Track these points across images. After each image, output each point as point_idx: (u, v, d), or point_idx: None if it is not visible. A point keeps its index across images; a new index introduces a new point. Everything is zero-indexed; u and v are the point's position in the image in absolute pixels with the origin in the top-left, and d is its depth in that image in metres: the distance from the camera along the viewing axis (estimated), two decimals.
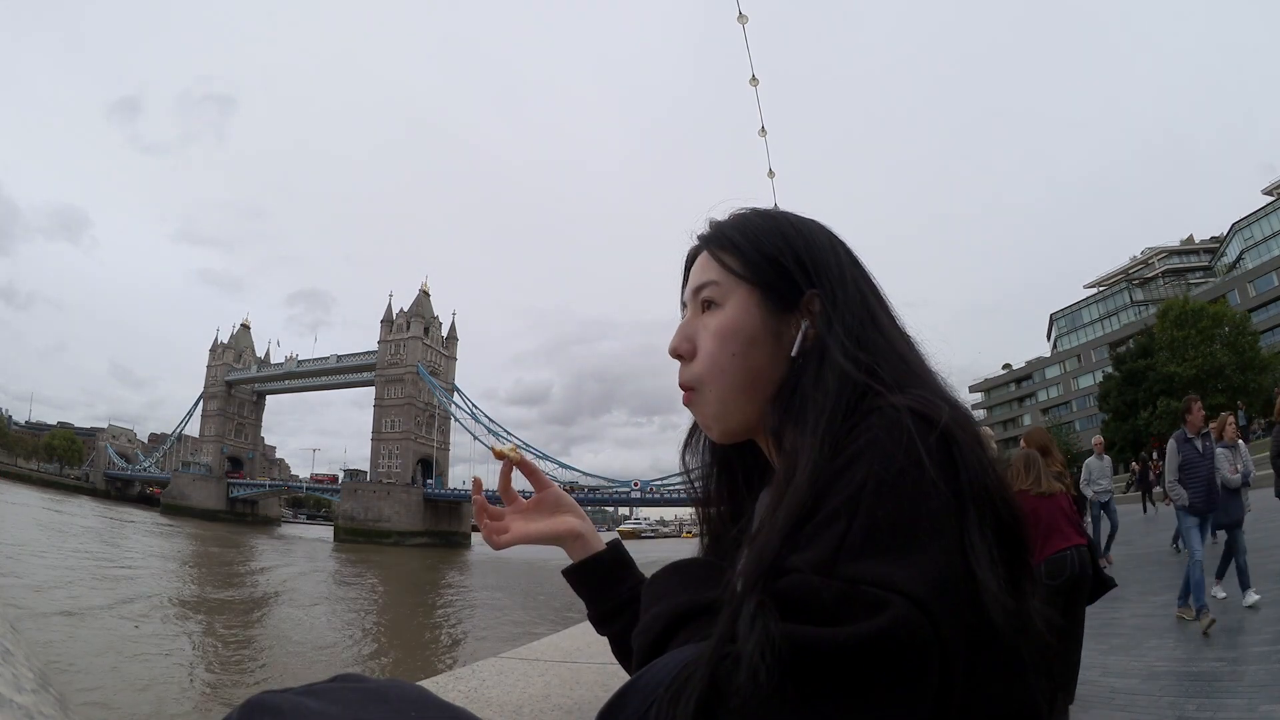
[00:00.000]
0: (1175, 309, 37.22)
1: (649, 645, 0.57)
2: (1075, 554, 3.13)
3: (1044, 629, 0.50)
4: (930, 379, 0.58)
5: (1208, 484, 5.03)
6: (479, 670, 1.91)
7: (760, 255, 0.63)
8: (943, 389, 0.58)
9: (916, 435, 0.46)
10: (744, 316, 0.62)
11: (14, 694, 0.85)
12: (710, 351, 0.63)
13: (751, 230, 0.64)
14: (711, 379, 0.63)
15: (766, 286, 0.62)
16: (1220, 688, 3.31)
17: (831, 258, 0.62)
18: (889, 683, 0.39)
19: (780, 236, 0.63)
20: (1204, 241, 61.48)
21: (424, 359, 73.11)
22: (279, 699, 0.53)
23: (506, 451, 0.83)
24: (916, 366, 0.59)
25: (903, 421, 0.47)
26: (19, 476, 75.96)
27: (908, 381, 0.55)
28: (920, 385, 0.55)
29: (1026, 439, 3.82)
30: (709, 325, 0.64)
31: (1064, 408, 62.78)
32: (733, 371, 0.62)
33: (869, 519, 0.43)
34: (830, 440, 0.50)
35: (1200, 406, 5.28)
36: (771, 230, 0.64)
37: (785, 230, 0.64)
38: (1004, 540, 0.47)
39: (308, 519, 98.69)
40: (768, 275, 0.62)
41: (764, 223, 0.65)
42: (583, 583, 0.81)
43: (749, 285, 0.63)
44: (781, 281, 0.62)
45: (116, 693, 8.94)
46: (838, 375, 0.55)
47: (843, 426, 0.51)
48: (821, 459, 0.49)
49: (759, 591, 0.42)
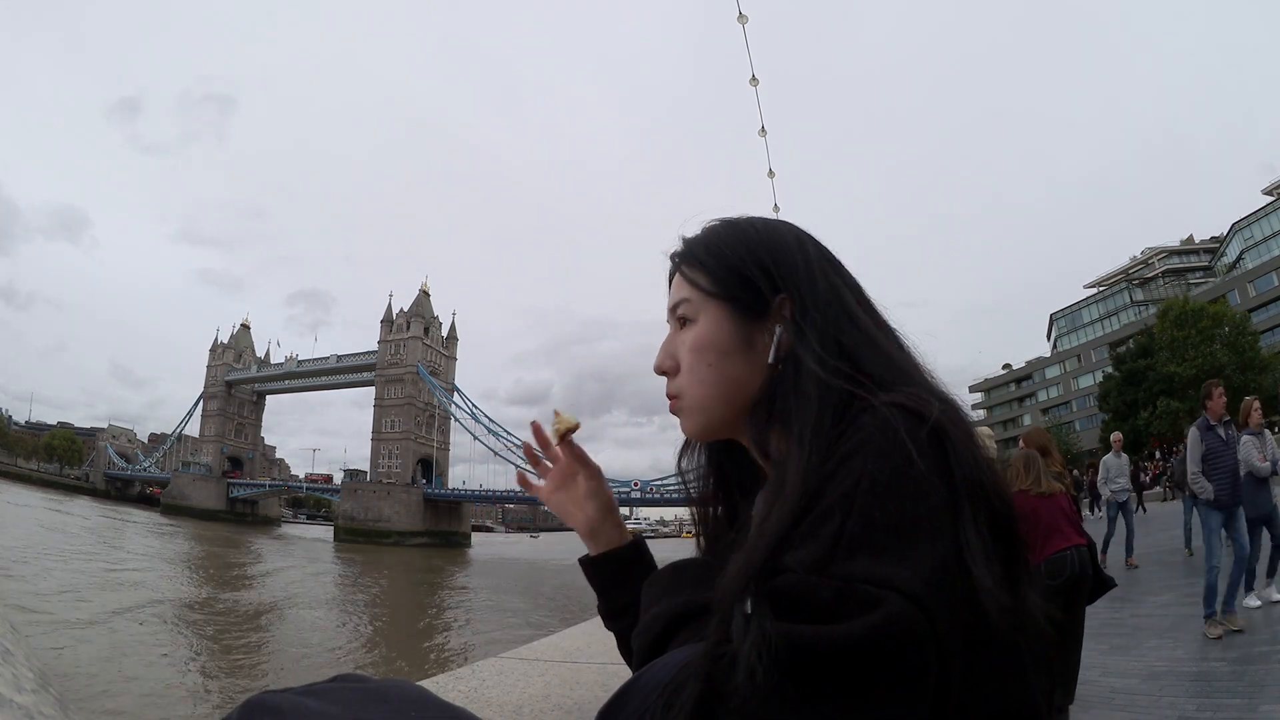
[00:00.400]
0: (1175, 309, 37.24)
1: (649, 645, 0.57)
2: (1075, 554, 3.13)
3: (1042, 624, 0.50)
4: (919, 375, 0.58)
5: (1233, 475, 4.63)
6: (479, 670, 1.91)
7: (724, 269, 0.64)
8: (932, 384, 0.58)
9: (908, 432, 0.46)
10: (714, 330, 0.63)
11: (14, 694, 0.85)
12: (689, 366, 0.65)
13: (715, 244, 0.66)
14: (692, 390, 0.65)
15: (734, 299, 0.63)
16: (1220, 688, 3.31)
17: (799, 260, 0.62)
18: (886, 680, 0.39)
19: (744, 246, 0.64)
20: (1204, 241, 61.46)
21: (424, 359, 73.10)
22: (279, 699, 0.53)
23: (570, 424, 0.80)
24: (903, 363, 0.59)
25: (894, 419, 0.47)
26: (19, 476, 75.95)
27: (895, 378, 0.55)
28: (908, 382, 0.55)
29: (1026, 439, 3.82)
30: (685, 341, 0.65)
31: (1064, 408, 62.76)
32: (711, 382, 0.63)
33: (863, 517, 0.43)
34: (817, 442, 0.50)
35: (1222, 392, 4.82)
36: (735, 241, 0.65)
37: (749, 239, 0.65)
38: (999, 535, 0.47)
39: (308, 519, 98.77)
40: (733, 288, 0.63)
41: (729, 234, 0.66)
42: (596, 576, 0.81)
43: (718, 300, 0.64)
44: (747, 292, 0.63)
45: (117, 693, 8.94)
46: (814, 378, 0.55)
47: (831, 428, 0.51)
48: (810, 461, 0.49)
49: (754, 591, 0.42)
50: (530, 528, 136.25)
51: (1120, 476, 8.15)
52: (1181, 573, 6.81)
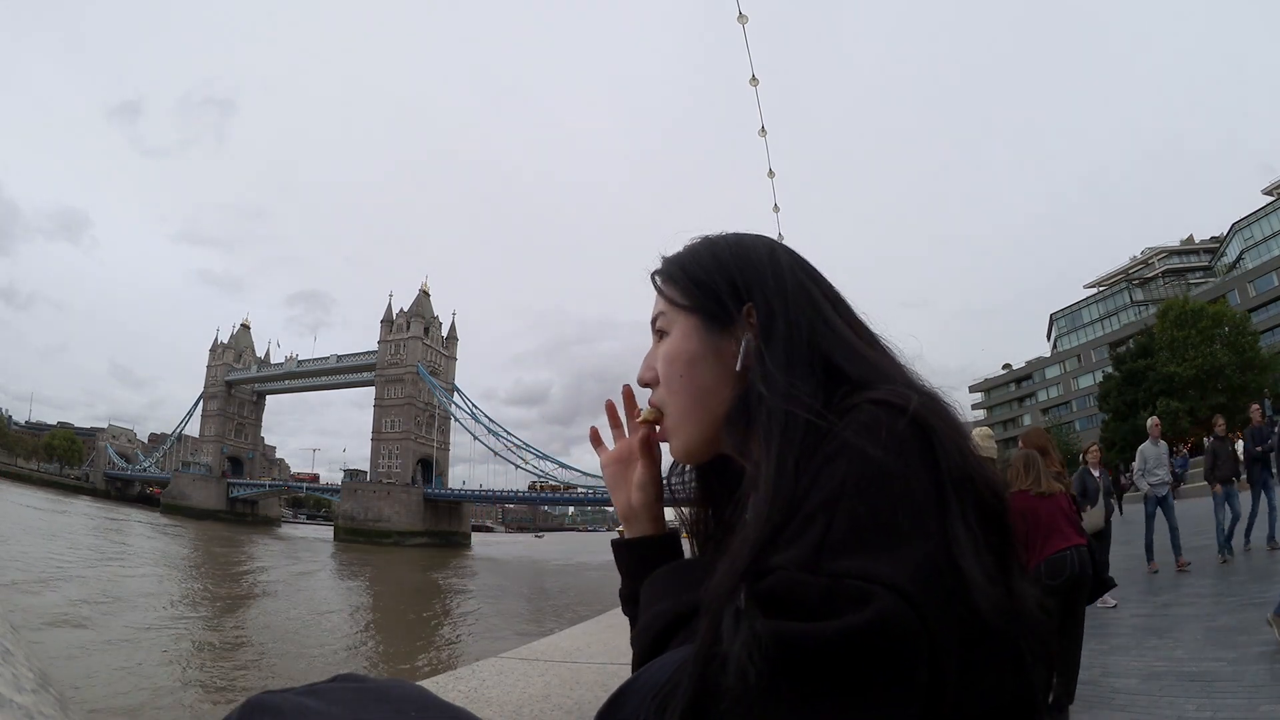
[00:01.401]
0: (1175, 309, 37.23)
1: (647, 645, 0.58)
2: (1075, 554, 3.13)
3: (1037, 614, 0.49)
4: (898, 373, 0.59)
5: None
6: (479, 670, 1.91)
7: (692, 282, 0.67)
8: (912, 380, 0.58)
9: (891, 428, 0.47)
10: (683, 341, 0.66)
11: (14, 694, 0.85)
12: (664, 377, 0.68)
13: (688, 260, 0.69)
14: (670, 400, 0.68)
15: (701, 310, 0.66)
16: (1220, 688, 3.31)
17: (768, 270, 0.64)
18: (878, 676, 0.39)
19: (713, 260, 0.67)
20: (1204, 241, 61.50)
21: (424, 359, 73.12)
22: (279, 699, 0.53)
23: (649, 417, 0.81)
24: (878, 362, 0.59)
25: (878, 415, 0.48)
26: (19, 476, 75.95)
27: (874, 378, 0.55)
28: (887, 380, 0.55)
29: (1024, 440, 3.82)
30: (660, 353, 0.68)
31: (1064, 408, 62.81)
32: (683, 391, 0.66)
33: (850, 515, 0.43)
34: (794, 442, 0.50)
35: None
36: (706, 256, 0.68)
37: (719, 254, 0.67)
38: (990, 527, 0.47)
39: (308, 519, 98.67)
40: (700, 300, 0.66)
41: (702, 250, 0.69)
42: (627, 557, 0.81)
43: (687, 311, 0.67)
44: (713, 303, 0.65)
45: (118, 693, 8.95)
46: (779, 383, 0.56)
47: (806, 429, 0.51)
48: (785, 463, 0.49)
49: (743, 590, 0.42)
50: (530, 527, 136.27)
51: (1160, 467, 7.38)
52: (1182, 573, 6.80)
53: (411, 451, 71.11)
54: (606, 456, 0.83)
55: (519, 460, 69.04)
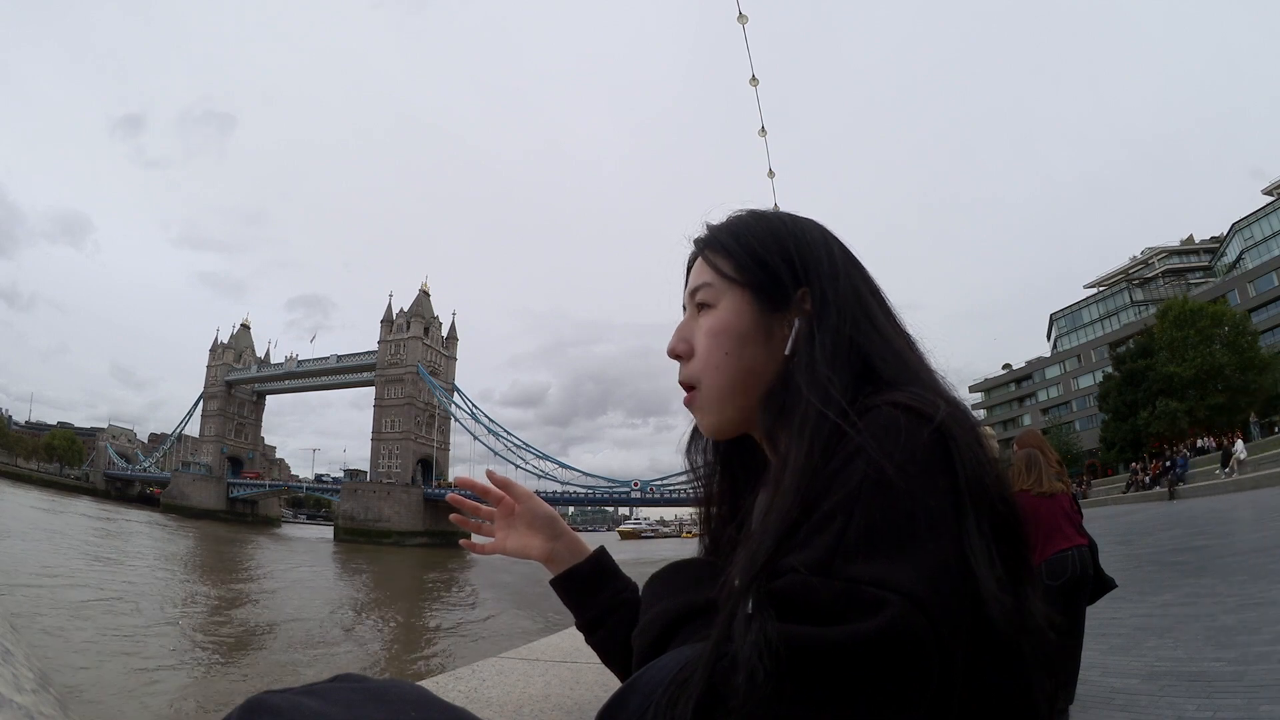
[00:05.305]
0: (1175, 309, 37.12)
1: (649, 645, 0.57)
2: (1076, 554, 3.13)
3: (1045, 626, 0.49)
4: (929, 377, 0.58)
5: None
6: (479, 670, 1.91)
7: (749, 257, 0.63)
8: (941, 386, 0.57)
9: (912, 433, 0.46)
10: (735, 317, 0.63)
11: (14, 694, 0.85)
12: (705, 351, 0.64)
13: (742, 232, 0.65)
14: (707, 377, 0.64)
15: (756, 287, 0.63)
16: (1220, 688, 3.30)
17: (824, 256, 0.62)
18: (888, 683, 0.38)
19: (771, 237, 0.64)
20: (1204, 241, 61.42)
21: (424, 359, 73.06)
22: (279, 699, 0.53)
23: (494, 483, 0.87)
24: (914, 364, 0.59)
25: (899, 419, 0.47)
26: (19, 476, 75.79)
27: (905, 379, 0.55)
28: (918, 383, 0.55)
29: (1019, 441, 3.81)
30: (703, 326, 0.65)
31: (1064, 408, 62.70)
32: (726, 370, 0.63)
33: (866, 518, 0.43)
34: (821, 440, 0.50)
35: None
36: (762, 231, 0.65)
37: (776, 230, 0.64)
38: (1003, 538, 0.47)
39: (308, 519, 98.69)
40: (757, 276, 0.63)
41: (755, 224, 0.66)
42: (564, 594, 0.84)
43: (740, 286, 0.63)
44: (771, 281, 0.62)
45: (118, 693, 8.94)
46: (821, 375, 0.55)
47: (835, 427, 0.50)
48: (812, 459, 0.49)
49: (755, 592, 0.42)
50: None
51: None
52: (1182, 573, 6.80)
53: (411, 451, 71.06)
54: (496, 544, 0.85)
55: (519, 460, 69.19)
